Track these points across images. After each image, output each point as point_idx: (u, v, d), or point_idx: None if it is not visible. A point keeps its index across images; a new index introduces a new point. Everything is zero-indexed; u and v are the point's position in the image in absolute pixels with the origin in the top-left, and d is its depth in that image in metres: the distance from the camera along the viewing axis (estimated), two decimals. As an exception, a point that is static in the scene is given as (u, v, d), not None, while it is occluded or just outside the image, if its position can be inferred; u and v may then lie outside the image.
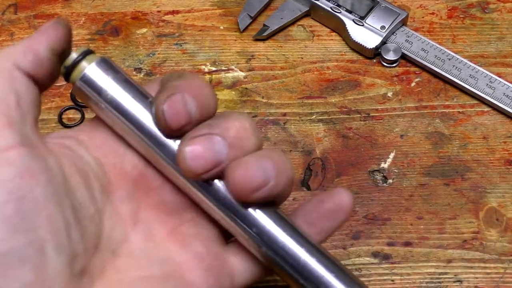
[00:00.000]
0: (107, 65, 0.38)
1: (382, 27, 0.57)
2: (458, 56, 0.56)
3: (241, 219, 0.37)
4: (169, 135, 0.37)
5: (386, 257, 0.49)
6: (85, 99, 0.38)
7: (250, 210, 0.37)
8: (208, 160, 0.36)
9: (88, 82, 0.37)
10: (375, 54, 0.57)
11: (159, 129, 0.37)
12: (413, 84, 0.56)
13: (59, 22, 0.37)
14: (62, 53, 0.37)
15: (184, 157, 0.36)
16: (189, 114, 0.36)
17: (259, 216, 0.37)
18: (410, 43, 0.57)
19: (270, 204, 0.37)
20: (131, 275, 0.36)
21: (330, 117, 0.54)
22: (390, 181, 0.52)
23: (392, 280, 0.48)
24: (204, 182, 0.37)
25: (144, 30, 0.59)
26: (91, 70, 0.37)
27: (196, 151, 0.36)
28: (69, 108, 0.55)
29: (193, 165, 0.36)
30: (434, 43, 0.57)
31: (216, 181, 0.37)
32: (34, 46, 0.36)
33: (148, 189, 0.38)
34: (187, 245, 0.38)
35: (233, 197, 0.37)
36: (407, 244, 0.49)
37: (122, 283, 0.36)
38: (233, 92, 0.56)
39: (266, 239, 0.37)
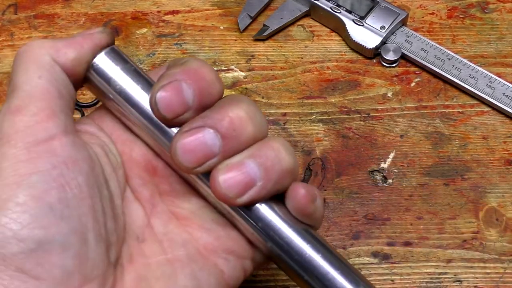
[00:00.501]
0: (117, 54, 0.37)
1: (382, 27, 0.57)
2: (458, 56, 0.56)
3: (246, 213, 0.37)
4: (168, 125, 0.36)
5: (386, 257, 0.49)
6: (93, 88, 0.38)
7: (255, 205, 0.37)
8: (199, 153, 0.35)
9: (97, 71, 0.37)
10: (375, 54, 0.57)
11: (157, 119, 0.36)
12: (413, 84, 0.56)
13: (106, 31, 0.37)
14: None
15: (175, 151, 0.35)
16: (185, 102, 0.35)
17: (264, 210, 0.37)
18: (410, 43, 0.57)
19: (272, 198, 0.37)
20: (157, 259, 0.36)
21: (330, 117, 0.55)
22: (390, 181, 0.52)
23: (392, 280, 0.48)
24: (204, 173, 0.36)
25: (144, 30, 0.59)
26: (100, 59, 0.37)
27: (186, 145, 0.35)
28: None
29: (184, 159, 0.35)
30: (434, 43, 0.57)
31: None
32: (78, 45, 0.36)
33: (159, 177, 0.38)
34: (207, 228, 0.38)
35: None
36: (407, 244, 0.49)
37: (149, 267, 0.36)
38: (233, 92, 0.56)
39: (271, 234, 0.37)
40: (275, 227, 0.37)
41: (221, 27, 0.59)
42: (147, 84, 0.37)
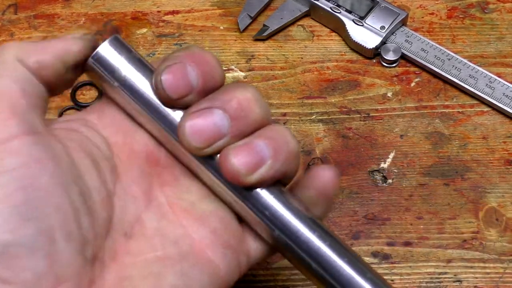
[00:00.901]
0: (120, 43, 0.37)
1: (382, 27, 0.57)
2: (457, 56, 0.56)
3: (253, 201, 0.36)
4: (171, 106, 0.36)
5: (385, 257, 0.49)
6: (97, 78, 0.37)
7: (262, 191, 0.36)
8: (208, 134, 0.35)
9: (100, 60, 0.37)
10: (375, 54, 0.57)
11: (160, 100, 0.36)
12: (412, 84, 0.56)
13: (83, 38, 0.37)
14: (75, 65, 0.37)
15: (183, 132, 0.35)
16: (189, 83, 0.36)
17: (270, 199, 0.36)
18: (410, 43, 0.57)
19: (279, 185, 0.37)
20: (145, 257, 0.36)
21: (330, 117, 0.55)
22: (390, 181, 0.52)
23: (392, 280, 0.48)
24: (211, 160, 0.36)
25: (144, 30, 0.59)
26: (104, 48, 0.37)
27: (195, 125, 0.35)
28: (69, 108, 0.55)
29: (193, 139, 0.35)
30: (433, 43, 0.57)
31: None
32: (44, 49, 0.36)
33: (161, 168, 0.38)
34: (204, 221, 0.37)
35: (231, 183, 0.36)
36: (407, 244, 0.49)
37: (135, 266, 0.35)
38: (233, 92, 0.56)
39: (279, 223, 0.36)
40: (282, 216, 0.36)
41: (221, 27, 0.59)
42: (151, 73, 0.37)
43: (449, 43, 0.58)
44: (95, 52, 0.37)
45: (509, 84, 0.55)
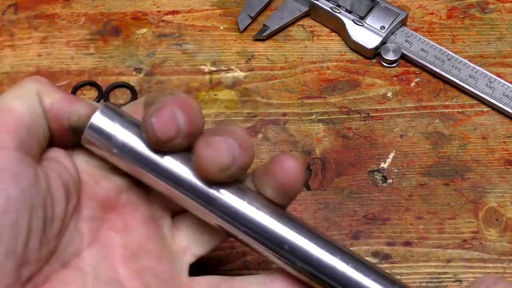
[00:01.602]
0: (111, 111, 0.38)
1: (382, 27, 0.57)
2: (457, 56, 0.56)
3: (272, 238, 0.37)
4: (159, 148, 0.37)
5: (385, 257, 0.49)
6: (95, 148, 0.38)
7: (280, 224, 0.37)
8: (226, 159, 0.36)
9: (95, 131, 0.38)
10: (375, 54, 0.57)
11: (150, 143, 0.37)
12: (412, 84, 0.56)
13: (95, 108, 0.38)
14: (76, 128, 0.38)
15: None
16: (178, 126, 0.37)
17: (286, 232, 0.37)
18: (410, 43, 0.57)
19: (283, 209, 0.38)
20: (74, 287, 0.36)
21: (330, 117, 0.55)
22: (390, 181, 0.52)
23: (392, 280, 0.48)
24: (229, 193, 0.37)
25: (144, 30, 0.59)
26: (97, 118, 0.37)
27: (217, 148, 0.36)
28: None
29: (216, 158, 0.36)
30: (433, 43, 0.57)
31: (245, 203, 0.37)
32: (61, 98, 0.37)
33: (114, 214, 0.39)
34: (139, 274, 0.38)
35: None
36: (407, 244, 0.49)
37: None
38: (233, 92, 0.56)
39: (299, 254, 0.37)
40: (301, 248, 0.37)
41: (221, 27, 0.59)
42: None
43: (449, 43, 0.58)
44: (89, 123, 0.37)
45: (509, 84, 0.55)
